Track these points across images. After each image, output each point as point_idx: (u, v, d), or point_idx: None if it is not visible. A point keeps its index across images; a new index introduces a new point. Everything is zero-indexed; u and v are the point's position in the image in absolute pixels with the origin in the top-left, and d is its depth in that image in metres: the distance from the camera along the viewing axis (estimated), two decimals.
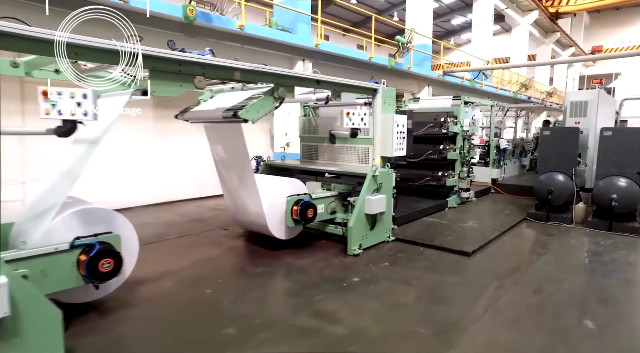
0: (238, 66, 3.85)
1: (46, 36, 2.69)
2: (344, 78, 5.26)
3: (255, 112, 4.25)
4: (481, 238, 5.71)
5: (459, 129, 8.13)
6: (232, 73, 3.86)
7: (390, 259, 4.89)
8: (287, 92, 4.46)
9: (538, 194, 7.10)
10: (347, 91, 5.36)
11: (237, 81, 3.97)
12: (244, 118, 4.17)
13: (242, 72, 3.92)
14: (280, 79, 4.33)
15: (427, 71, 13.54)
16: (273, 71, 4.17)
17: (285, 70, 4.30)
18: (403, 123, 5.92)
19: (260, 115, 4.33)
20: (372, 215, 5.25)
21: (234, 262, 4.80)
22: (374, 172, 5.24)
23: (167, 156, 8.13)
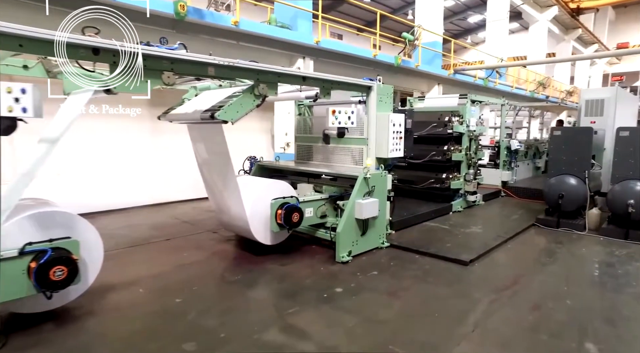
0: (210, 61, 3.62)
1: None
2: (341, 76, 5.00)
3: (234, 112, 4.03)
4: (482, 245, 5.33)
5: (465, 129, 7.73)
6: (205, 69, 3.64)
7: (380, 267, 4.58)
8: (270, 90, 4.22)
9: (547, 198, 6.65)
10: (337, 88, 5.07)
11: (212, 77, 3.74)
12: (222, 120, 3.97)
13: (215, 67, 3.69)
14: (261, 75, 4.08)
15: (437, 69, 13.08)
16: (251, 66, 3.92)
17: (265, 65, 4.05)
18: (400, 122, 5.61)
19: (240, 115, 4.10)
20: (363, 220, 4.95)
21: (214, 268, 4.57)
22: (365, 174, 4.93)
23: (163, 156, 8.00)
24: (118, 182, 7.49)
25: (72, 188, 6.89)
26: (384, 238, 5.37)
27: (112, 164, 7.41)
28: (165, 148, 7.99)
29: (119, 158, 7.53)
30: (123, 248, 5.22)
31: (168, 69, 3.35)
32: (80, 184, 7.03)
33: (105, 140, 7.35)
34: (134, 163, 7.71)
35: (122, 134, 7.50)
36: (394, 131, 5.51)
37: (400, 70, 11.47)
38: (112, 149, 7.47)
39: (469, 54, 30.88)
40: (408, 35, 10.55)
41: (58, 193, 6.71)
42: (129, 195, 7.60)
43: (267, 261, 4.73)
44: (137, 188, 7.72)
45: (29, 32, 2.64)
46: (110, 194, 7.34)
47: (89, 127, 7.02)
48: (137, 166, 7.74)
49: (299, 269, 4.52)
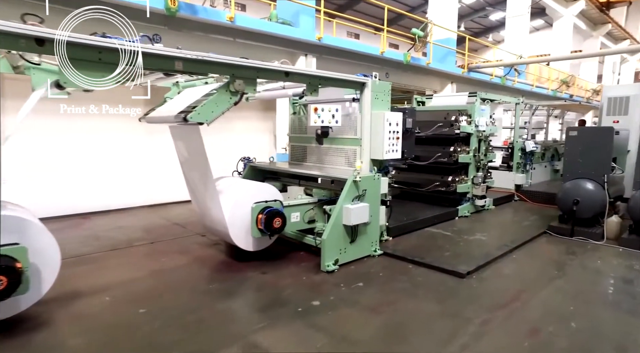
0: (177, 55, 3.36)
1: None
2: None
3: (208, 112, 3.79)
4: (484, 255, 4.90)
5: (473, 129, 7.26)
6: (171, 63, 3.38)
7: (367, 278, 4.23)
8: (248, 86, 3.94)
9: (561, 204, 6.12)
10: (326, 84, 4.75)
11: (180, 72, 3.49)
12: (197, 122, 3.74)
13: (184, 61, 3.43)
14: (236, 70, 3.81)
15: (451, 67, 12.55)
16: (224, 60, 3.65)
17: (241, 59, 3.77)
18: (397, 122, 5.25)
19: (215, 115, 3.85)
20: (352, 226, 4.61)
21: (191, 275, 4.33)
22: (354, 177, 4.59)
23: (160, 156, 7.83)
24: (115, 183, 7.39)
25: (69, 188, 6.82)
26: (376, 245, 5.01)
27: (109, 164, 7.31)
28: (161, 148, 7.82)
29: (116, 158, 7.42)
30: (105, 251, 5.05)
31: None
32: (78, 184, 6.94)
33: (103, 140, 7.25)
34: (131, 163, 7.60)
35: (119, 134, 7.39)
36: (391, 130, 5.16)
37: (410, 68, 11.03)
38: (110, 149, 7.37)
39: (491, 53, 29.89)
40: (418, 31, 10.10)
41: (54, 194, 6.67)
42: (126, 196, 7.49)
43: (248, 269, 4.46)
44: (135, 188, 7.60)
45: None
46: (108, 194, 7.24)
47: (87, 127, 6.93)
48: (134, 166, 7.63)
49: (279, 278, 4.22)
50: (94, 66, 2.98)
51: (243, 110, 8.48)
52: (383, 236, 5.54)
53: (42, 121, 6.52)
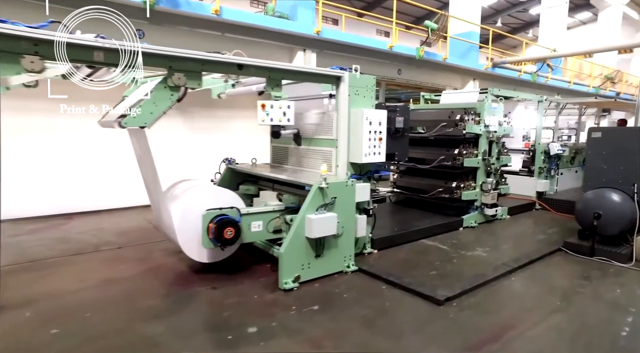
0: (97, 45, 2.97)
1: None
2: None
3: (147, 114, 3.42)
4: (475, 276, 4.20)
5: (482, 129, 6.47)
6: (89, 53, 3.00)
7: (327, 300, 3.68)
8: (190, 80, 3.51)
9: (580, 217, 5.25)
10: (291, 78, 4.24)
11: (99, 63, 3.10)
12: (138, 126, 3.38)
13: (105, 52, 3.04)
14: (174, 61, 3.38)
15: (473, 63, 11.60)
16: (156, 50, 3.23)
17: (178, 50, 3.33)
18: (381, 120, 4.65)
19: (156, 116, 3.48)
20: (318, 239, 4.06)
21: (137, 287, 3.95)
22: (320, 183, 4.04)
23: (158, 156, 7.58)
24: (108, 183, 7.21)
25: (59, 188, 6.71)
26: (350, 260, 4.43)
27: (104, 163, 7.12)
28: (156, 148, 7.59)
29: (109, 158, 7.26)
30: (65, 256, 4.80)
31: (31, 53, 2.76)
32: (69, 184, 6.82)
33: (96, 139, 7.10)
34: (124, 163, 7.39)
35: (111, 134, 7.21)
36: (372, 130, 4.57)
37: (425, 63, 10.25)
38: (105, 149, 7.22)
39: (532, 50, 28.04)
40: (431, 24, 9.31)
41: (42, 193, 6.60)
42: (117, 196, 7.30)
43: (200, 282, 4.04)
44: (126, 189, 7.40)
45: None
46: (99, 195, 7.08)
47: (84, 126, 6.80)
48: (127, 166, 7.40)
49: (228, 295, 3.76)
50: None
51: (241, 108, 8.11)
52: (365, 249, 4.96)
53: (41, 120, 6.48)
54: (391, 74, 10.04)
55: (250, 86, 5.04)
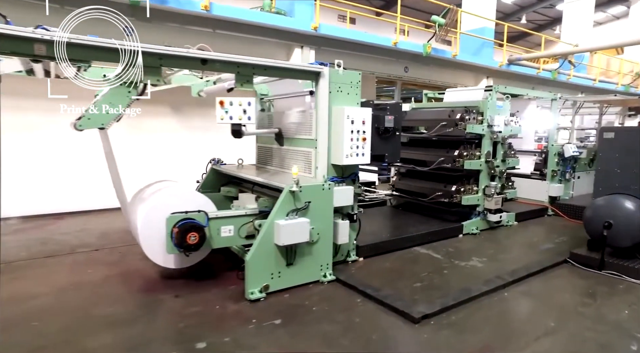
0: (36, 36, 2.79)
1: None
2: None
3: (103, 114, 3.24)
4: (462, 291, 3.81)
5: (485, 129, 6.03)
6: (28, 46, 2.82)
7: (292, 314, 3.39)
8: (149, 75, 3.30)
9: (589, 226, 4.77)
10: (263, 74, 3.98)
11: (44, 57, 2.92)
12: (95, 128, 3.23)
13: (47, 44, 2.85)
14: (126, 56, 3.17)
15: (487, 60, 11.04)
16: (105, 44, 3.03)
17: (130, 43, 3.12)
18: (364, 119, 4.33)
19: (113, 116, 3.29)
20: (289, 246, 3.78)
21: (96, 294, 3.76)
22: (291, 186, 3.76)
23: (155, 156, 7.48)
24: (100, 182, 7.11)
25: (55, 187, 6.68)
26: (328, 269, 4.13)
27: (97, 163, 7.01)
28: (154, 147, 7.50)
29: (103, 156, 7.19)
30: (39, 258, 4.70)
31: None
32: (63, 183, 6.78)
33: (91, 139, 7.04)
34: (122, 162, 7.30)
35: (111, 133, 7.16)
36: (354, 130, 4.26)
37: (433, 60, 9.80)
38: (98, 148, 7.15)
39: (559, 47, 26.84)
40: (438, 18, 8.86)
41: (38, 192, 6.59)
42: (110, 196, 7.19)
43: (165, 289, 3.84)
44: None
45: None
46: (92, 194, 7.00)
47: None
48: (119, 165, 7.34)
49: (189, 305, 3.53)
50: None
51: None
52: (349, 257, 4.65)
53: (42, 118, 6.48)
54: (397, 72, 9.64)
55: (231, 82, 4.82)
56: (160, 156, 7.39)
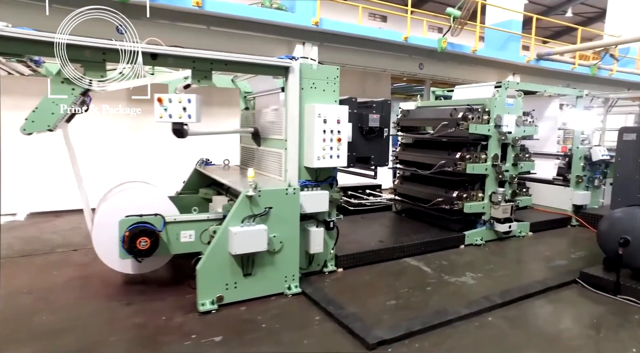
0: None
1: None
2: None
3: (47, 115, 3.19)
4: (438, 313, 3.35)
5: (492, 129, 5.45)
6: None
7: (239, 330, 3.10)
8: (92, 71, 3.13)
9: (603, 242, 4.12)
10: (223, 69, 3.69)
11: None
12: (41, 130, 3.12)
13: None
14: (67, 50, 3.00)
15: (512, 55, 10.21)
16: (33, 36, 2.87)
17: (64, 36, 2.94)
18: (339, 117, 3.98)
19: (59, 116, 3.16)
20: (246, 255, 3.49)
21: (46, 300, 3.58)
22: (247, 191, 3.47)
23: (156, 153, 7.45)
24: (102, 179, 7.18)
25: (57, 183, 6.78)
26: (293, 281, 3.79)
27: (101, 159, 7.09)
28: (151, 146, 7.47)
29: (109, 154, 7.24)
30: (14, 258, 4.67)
31: None
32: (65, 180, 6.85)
33: (95, 136, 7.12)
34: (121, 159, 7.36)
35: (115, 132, 7.24)
36: (326, 129, 3.90)
37: (450, 56, 9.15)
38: (103, 145, 7.22)
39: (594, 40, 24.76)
40: (454, 11, 8.22)
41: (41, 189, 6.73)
42: None
43: (120, 296, 3.68)
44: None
45: None
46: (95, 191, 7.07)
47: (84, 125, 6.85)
48: (123, 162, 7.36)
49: (137, 314, 3.33)
50: None
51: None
52: (327, 267, 4.29)
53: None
54: (411, 69, 9.09)
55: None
56: (161, 155, 7.35)
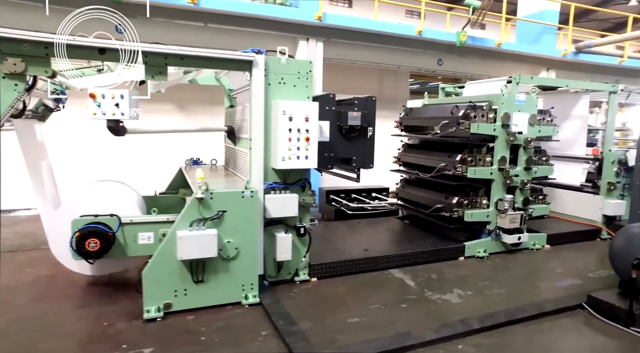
0: None
1: None
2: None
3: None
4: (397, 337, 2.94)
5: (498, 129, 4.87)
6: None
7: (173, 342, 2.88)
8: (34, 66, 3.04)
9: (616, 262, 3.49)
10: (179, 64, 3.51)
11: None
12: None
13: None
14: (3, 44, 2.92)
15: (547, 49, 9.31)
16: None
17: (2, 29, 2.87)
18: (308, 115, 3.68)
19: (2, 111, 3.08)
20: (196, 261, 3.28)
21: (5, 298, 3.52)
22: (197, 193, 3.25)
23: (153, 154, 7.51)
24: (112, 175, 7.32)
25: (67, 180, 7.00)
26: (252, 290, 3.52)
27: (108, 157, 7.23)
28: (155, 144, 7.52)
29: (115, 151, 7.35)
30: (4, 252, 4.76)
31: None
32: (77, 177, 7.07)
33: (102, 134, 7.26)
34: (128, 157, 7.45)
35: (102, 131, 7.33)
36: (292, 128, 3.61)
37: (472, 51, 8.48)
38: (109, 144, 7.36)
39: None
40: (473, 1, 7.58)
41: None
42: None
43: (77, 298, 3.62)
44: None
45: None
46: None
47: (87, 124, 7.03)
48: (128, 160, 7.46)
49: (82, 318, 3.24)
50: None
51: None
52: (298, 276, 3.99)
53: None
54: (429, 65, 8.52)
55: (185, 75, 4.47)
56: (161, 155, 7.36)
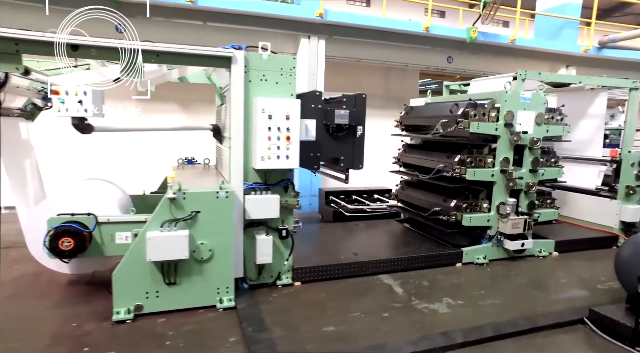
0: None
1: None
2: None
3: None
4: (366, 350, 2.75)
5: (500, 128, 4.58)
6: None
7: (136, 346, 2.79)
8: (5, 63, 3.05)
9: (622, 274, 3.17)
10: (156, 61, 3.41)
11: None
12: None
13: None
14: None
15: (568, 44, 8.82)
16: None
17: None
18: (289, 113, 3.55)
19: None
20: (166, 263, 3.18)
21: None
22: (168, 193, 3.15)
23: (153, 154, 7.52)
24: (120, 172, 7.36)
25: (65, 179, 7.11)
26: (227, 294, 3.40)
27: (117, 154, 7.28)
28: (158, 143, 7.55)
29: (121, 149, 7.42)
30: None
31: None
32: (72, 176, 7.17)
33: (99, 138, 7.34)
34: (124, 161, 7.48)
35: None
36: (272, 126, 3.48)
37: (484, 48, 8.12)
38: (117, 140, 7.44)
39: None
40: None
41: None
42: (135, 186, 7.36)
43: (55, 296, 3.60)
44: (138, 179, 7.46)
45: None
46: None
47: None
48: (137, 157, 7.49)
49: (54, 318, 3.20)
50: None
51: None
52: (280, 279, 3.85)
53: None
54: (438, 63, 8.22)
55: (170, 72, 4.41)
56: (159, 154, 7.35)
